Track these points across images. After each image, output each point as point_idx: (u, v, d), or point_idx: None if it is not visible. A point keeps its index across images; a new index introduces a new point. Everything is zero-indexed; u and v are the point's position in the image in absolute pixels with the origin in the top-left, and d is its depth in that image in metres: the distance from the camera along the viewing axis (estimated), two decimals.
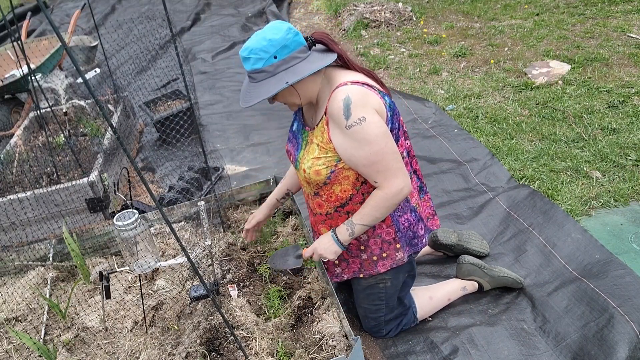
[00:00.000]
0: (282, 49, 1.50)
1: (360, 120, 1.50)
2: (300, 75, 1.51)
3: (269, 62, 1.51)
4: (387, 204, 1.62)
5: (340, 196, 1.68)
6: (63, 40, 0.94)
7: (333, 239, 1.71)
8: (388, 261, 1.79)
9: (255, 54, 1.51)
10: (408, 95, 4.00)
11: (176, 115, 3.68)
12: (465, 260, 2.15)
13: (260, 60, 1.51)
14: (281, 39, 1.50)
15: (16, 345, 1.92)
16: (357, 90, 1.52)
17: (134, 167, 1.43)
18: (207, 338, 1.82)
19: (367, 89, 1.54)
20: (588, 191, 2.71)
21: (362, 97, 1.51)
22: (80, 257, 2.09)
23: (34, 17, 7.71)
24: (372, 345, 2.01)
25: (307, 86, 1.59)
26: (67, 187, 2.62)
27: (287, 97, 1.62)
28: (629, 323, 1.81)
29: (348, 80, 1.56)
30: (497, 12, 5.89)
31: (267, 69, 1.52)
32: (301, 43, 1.54)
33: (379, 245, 1.76)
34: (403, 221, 1.75)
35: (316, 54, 1.58)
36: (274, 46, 1.50)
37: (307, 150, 1.68)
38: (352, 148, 1.54)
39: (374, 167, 1.56)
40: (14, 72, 4.04)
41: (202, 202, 1.94)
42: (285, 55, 1.51)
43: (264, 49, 1.50)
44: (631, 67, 4.02)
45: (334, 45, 1.60)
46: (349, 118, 1.50)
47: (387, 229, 1.74)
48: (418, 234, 1.82)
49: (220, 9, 7.43)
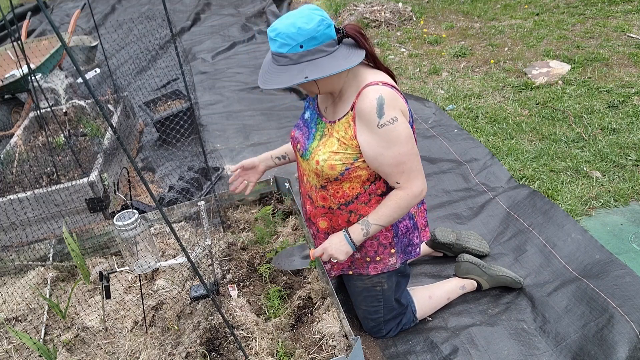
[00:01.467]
0: (310, 40, 1.46)
1: (393, 120, 1.52)
2: (321, 73, 1.47)
3: (294, 50, 1.47)
4: (406, 205, 1.63)
5: (348, 194, 1.68)
6: (63, 40, 0.94)
7: (346, 238, 1.69)
8: (380, 265, 1.80)
9: (282, 39, 1.47)
10: (408, 95, 4.00)
11: (176, 115, 3.68)
12: (463, 258, 2.16)
13: (286, 46, 1.47)
14: (311, 30, 1.45)
15: (16, 345, 1.92)
16: (388, 91, 1.53)
17: (134, 167, 1.43)
18: (207, 338, 1.82)
19: (395, 92, 1.55)
20: (588, 191, 2.71)
21: (393, 99, 1.53)
22: (80, 257, 2.09)
23: (34, 17, 7.71)
24: (372, 345, 2.01)
25: (329, 80, 1.57)
26: (67, 187, 2.62)
27: (305, 85, 1.59)
28: (629, 323, 1.81)
29: (379, 81, 1.55)
30: (497, 12, 5.89)
31: (291, 56, 1.48)
32: (331, 36, 1.50)
33: (375, 248, 1.77)
34: (402, 227, 1.76)
35: (344, 49, 1.54)
36: (302, 35, 1.45)
37: (323, 142, 1.65)
38: (381, 147, 1.54)
39: (399, 168, 1.57)
40: (14, 72, 4.04)
41: (202, 202, 1.94)
42: (312, 46, 1.47)
43: (292, 36, 1.46)
44: (631, 67, 4.02)
45: (365, 42, 1.56)
46: (382, 117, 1.51)
47: (386, 233, 1.74)
48: (413, 242, 1.83)
49: (220, 9, 7.43)
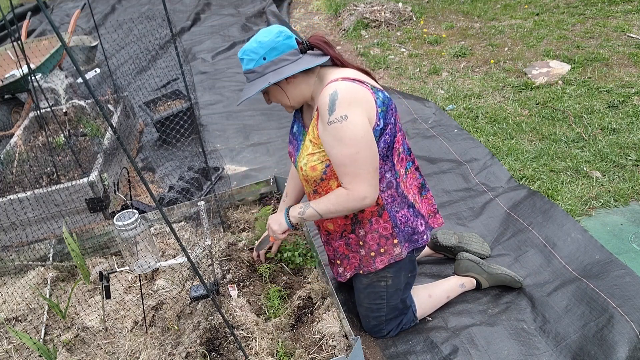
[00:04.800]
0: (271, 51, 1.59)
1: (341, 118, 1.51)
2: (281, 76, 1.58)
3: (259, 63, 1.60)
4: (344, 205, 1.63)
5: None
6: (63, 40, 0.94)
7: (284, 212, 1.82)
8: (386, 256, 1.79)
9: (248, 55, 1.61)
10: (408, 95, 4.00)
11: (176, 115, 3.68)
12: (463, 256, 2.16)
13: (252, 61, 1.61)
14: (270, 41, 1.58)
15: (16, 345, 1.92)
16: (345, 86, 1.54)
17: (134, 167, 1.43)
18: (207, 338, 1.82)
19: (357, 85, 1.56)
20: (588, 191, 2.71)
21: (350, 94, 1.52)
22: (80, 257, 2.09)
23: (34, 17, 7.71)
24: (372, 345, 2.01)
25: (296, 87, 1.65)
26: (67, 187, 2.62)
27: (278, 97, 1.70)
28: (628, 323, 1.81)
29: (339, 77, 1.59)
30: (497, 12, 5.89)
31: (257, 70, 1.61)
32: (292, 46, 1.61)
33: (377, 241, 1.77)
34: (400, 217, 1.76)
35: (308, 57, 1.63)
36: (263, 48, 1.59)
37: (302, 148, 1.72)
38: (329, 144, 1.57)
39: (342, 169, 1.58)
40: (14, 72, 4.04)
41: (202, 202, 1.94)
42: (274, 57, 1.59)
43: (254, 51, 1.60)
44: (631, 67, 4.02)
45: (328, 48, 1.65)
46: (332, 114, 1.52)
47: (384, 224, 1.74)
48: (418, 229, 1.81)
49: (220, 9, 7.43)
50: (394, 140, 1.66)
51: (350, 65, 1.67)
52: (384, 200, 1.71)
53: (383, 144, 1.62)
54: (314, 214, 1.71)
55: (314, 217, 1.73)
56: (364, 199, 1.59)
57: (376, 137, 1.58)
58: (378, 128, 1.58)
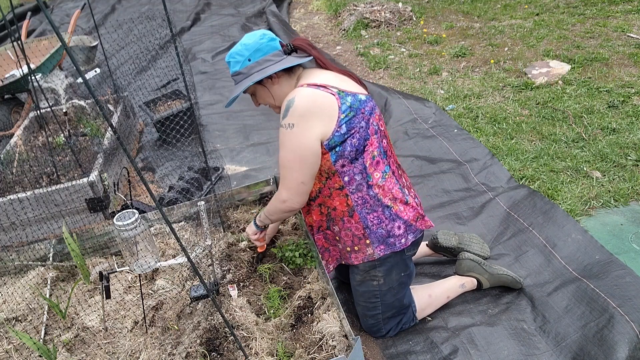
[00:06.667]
0: (256, 52, 1.68)
1: (288, 126, 1.62)
2: (264, 74, 1.66)
3: (244, 65, 1.69)
4: (274, 205, 1.81)
5: (312, 190, 1.80)
6: (63, 40, 0.94)
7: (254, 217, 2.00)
8: (360, 255, 1.84)
9: (234, 58, 1.71)
10: (408, 95, 4.00)
11: (176, 115, 3.68)
12: (464, 256, 2.16)
13: (238, 63, 1.70)
14: (254, 43, 1.68)
15: (16, 345, 1.92)
16: (305, 94, 1.62)
17: (134, 167, 1.43)
18: (207, 338, 1.82)
19: (320, 91, 1.62)
20: (588, 191, 2.71)
21: (305, 104, 1.61)
22: (80, 257, 2.09)
23: (34, 17, 7.71)
24: (372, 345, 2.01)
25: (280, 87, 1.74)
26: (67, 187, 2.62)
27: (264, 98, 1.79)
28: (629, 323, 1.81)
29: (305, 83, 1.67)
30: (497, 12, 5.89)
31: (243, 71, 1.70)
32: (275, 47, 1.70)
33: (350, 238, 1.82)
34: (372, 218, 1.77)
35: (292, 58, 1.72)
36: (248, 50, 1.68)
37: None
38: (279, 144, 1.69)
39: (279, 169, 1.73)
40: (14, 72, 4.03)
41: (202, 202, 1.94)
42: (259, 57, 1.68)
43: (240, 53, 1.69)
44: (631, 67, 4.02)
45: (312, 49, 1.73)
46: (284, 119, 1.63)
47: (356, 225, 1.79)
48: (394, 233, 1.79)
49: (220, 9, 7.43)
50: (365, 144, 1.69)
51: (332, 67, 1.75)
52: (354, 202, 1.75)
53: (350, 147, 1.67)
54: (265, 218, 1.91)
55: (266, 219, 1.92)
56: (284, 201, 1.75)
57: (337, 142, 1.65)
58: (339, 134, 1.64)
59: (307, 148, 1.62)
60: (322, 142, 1.64)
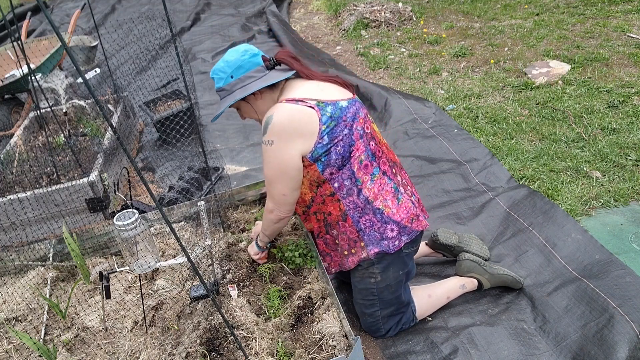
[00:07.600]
0: (238, 69, 1.71)
1: (268, 142, 1.67)
2: (245, 93, 1.70)
3: (227, 81, 1.72)
4: (264, 217, 1.88)
5: (304, 199, 1.84)
6: (63, 40, 0.93)
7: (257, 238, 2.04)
8: (356, 257, 1.86)
9: (217, 75, 1.74)
10: (408, 95, 4.00)
11: (176, 115, 3.68)
12: (465, 257, 2.16)
13: (221, 79, 1.73)
14: (236, 60, 1.70)
15: (16, 345, 1.92)
16: (283, 111, 1.65)
17: (134, 167, 1.43)
18: (207, 338, 1.82)
19: (298, 107, 1.65)
20: (588, 191, 2.71)
21: (282, 122, 1.64)
22: (80, 257, 2.09)
23: (34, 17, 7.71)
24: (372, 345, 2.01)
25: (264, 102, 1.77)
26: (67, 187, 2.62)
27: (249, 113, 1.84)
28: (629, 323, 1.81)
29: (284, 98, 1.70)
30: (497, 12, 5.89)
31: (226, 88, 1.74)
32: (257, 63, 1.72)
33: (347, 242, 1.85)
34: (364, 221, 1.79)
35: (274, 73, 1.74)
36: (230, 67, 1.71)
37: None
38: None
39: (266, 185, 1.78)
40: (14, 72, 4.03)
41: (202, 202, 1.94)
42: (241, 74, 1.71)
43: (222, 70, 1.72)
44: (631, 67, 4.02)
45: (294, 63, 1.75)
46: (264, 135, 1.69)
47: (350, 228, 1.81)
48: (387, 235, 1.80)
49: (220, 9, 7.43)
50: (351, 150, 1.71)
51: (315, 76, 1.77)
52: (346, 206, 1.78)
53: (335, 156, 1.69)
54: (262, 235, 1.97)
55: (264, 237, 1.98)
56: (271, 212, 1.82)
57: (321, 153, 1.67)
58: (321, 145, 1.66)
59: (288, 163, 1.67)
60: (305, 155, 1.68)
